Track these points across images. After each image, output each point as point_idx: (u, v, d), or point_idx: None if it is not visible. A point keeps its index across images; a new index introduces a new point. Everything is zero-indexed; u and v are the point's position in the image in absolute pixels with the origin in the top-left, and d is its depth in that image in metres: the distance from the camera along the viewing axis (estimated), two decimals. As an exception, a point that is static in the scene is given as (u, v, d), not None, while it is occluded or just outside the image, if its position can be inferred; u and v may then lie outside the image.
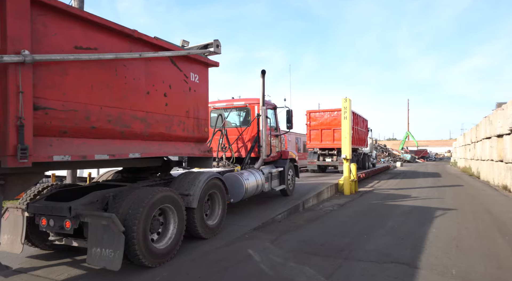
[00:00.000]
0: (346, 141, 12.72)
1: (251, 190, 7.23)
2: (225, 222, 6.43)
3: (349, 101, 12.84)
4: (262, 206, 8.19)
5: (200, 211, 5.14)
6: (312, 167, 19.15)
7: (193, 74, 5.15)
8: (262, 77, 7.88)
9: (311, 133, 19.38)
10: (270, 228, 6.52)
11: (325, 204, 9.85)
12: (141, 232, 3.86)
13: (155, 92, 4.42)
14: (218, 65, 5.64)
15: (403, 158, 52.40)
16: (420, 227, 6.70)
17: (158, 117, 4.48)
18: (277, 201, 8.81)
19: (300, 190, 10.56)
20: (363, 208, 9.16)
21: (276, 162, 9.20)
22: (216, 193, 5.68)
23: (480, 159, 19.53)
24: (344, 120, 12.82)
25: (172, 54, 4.54)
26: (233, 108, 8.61)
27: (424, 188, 14.40)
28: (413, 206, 9.25)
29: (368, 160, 24.28)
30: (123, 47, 4.01)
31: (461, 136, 34.40)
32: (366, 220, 7.54)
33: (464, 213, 8.28)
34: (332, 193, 11.94)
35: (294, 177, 9.97)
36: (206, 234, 5.31)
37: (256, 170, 7.86)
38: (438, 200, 10.53)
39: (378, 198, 11.04)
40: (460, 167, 31.25)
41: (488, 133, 17.11)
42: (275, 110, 9.21)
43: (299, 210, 8.53)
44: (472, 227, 6.75)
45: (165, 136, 4.65)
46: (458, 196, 11.60)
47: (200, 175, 5.27)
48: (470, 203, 9.99)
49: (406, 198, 10.93)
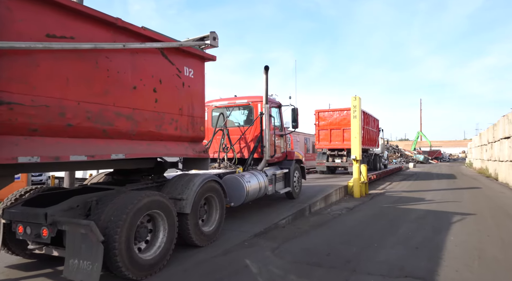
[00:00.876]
0: (356, 141, 12.17)
1: (253, 193, 6.80)
2: (224, 227, 6.02)
3: (359, 100, 12.29)
4: (265, 210, 7.75)
5: (195, 216, 4.75)
6: (321, 168, 18.59)
7: (187, 69, 4.77)
8: (265, 74, 7.45)
9: (320, 133, 18.83)
10: (272, 234, 6.08)
11: (333, 207, 9.34)
12: (123, 242, 3.47)
13: (143, 87, 4.05)
14: (215, 59, 5.24)
15: (416, 159, 51.18)
16: (436, 234, 6.15)
17: (146, 115, 4.11)
18: (282, 204, 8.36)
19: (307, 193, 10.07)
20: (373, 212, 8.62)
21: (281, 163, 8.75)
22: (213, 197, 5.28)
23: (498, 160, 18.63)
24: (354, 119, 12.27)
25: (162, 46, 4.17)
26: (235, 106, 8.21)
27: (439, 190, 13.71)
28: (428, 210, 8.66)
29: (379, 161, 23.56)
30: (106, 37, 3.65)
31: (476, 137, 33.21)
32: (376, 225, 7.02)
33: (484, 218, 7.67)
34: (341, 195, 11.41)
35: (301, 178, 9.50)
36: (202, 241, 4.91)
37: (259, 171, 7.43)
38: (455, 204, 9.90)
39: (390, 201, 10.46)
40: (476, 168, 30.14)
41: (507, 133, 16.27)
42: (280, 108, 8.76)
43: (305, 214, 8.06)
44: (495, 234, 6.16)
45: (155, 135, 4.27)
46: (476, 199, 10.92)
47: (195, 178, 4.88)
48: (490, 207, 9.33)
49: (419, 201, 10.32)
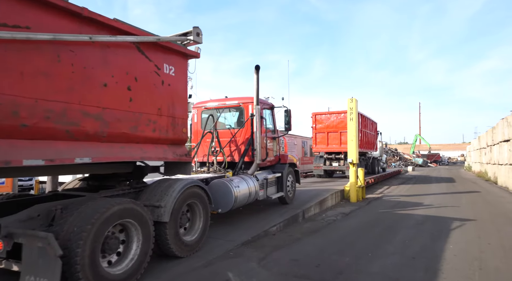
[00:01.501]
0: (353, 144, 11.85)
1: (242, 199, 6.46)
2: (210, 235, 5.68)
3: (356, 102, 12.00)
4: (256, 216, 7.41)
5: (174, 225, 4.40)
6: (318, 172, 18.25)
7: (167, 66, 4.46)
8: (256, 74, 7.14)
9: (317, 136, 18.52)
10: (261, 242, 5.73)
11: (329, 212, 9.00)
12: (87, 255, 3.13)
13: (115, 85, 3.73)
14: (199, 56, 4.94)
15: (415, 162, 50.90)
16: (434, 242, 5.82)
17: (119, 115, 3.78)
18: (275, 210, 8.01)
19: (301, 197, 9.73)
20: (369, 218, 8.28)
21: (274, 166, 8.42)
22: (196, 204, 4.94)
23: (498, 163, 18.33)
24: (350, 122, 11.96)
25: (137, 40, 3.86)
26: (225, 108, 7.89)
27: (438, 194, 13.38)
28: (426, 216, 8.32)
29: (377, 164, 23.24)
30: (71, 28, 3.34)
31: (475, 140, 32.95)
32: (372, 232, 6.68)
33: (484, 224, 7.34)
34: (337, 200, 11.07)
35: (295, 183, 9.16)
36: (182, 252, 4.56)
37: (250, 176, 7.09)
38: (454, 209, 9.57)
39: (387, 206, 10.12)
40: (475, 172, 29.85)
41: (506, 136, 15.99)
42: (273, 110, 8.45)
43: (298, 220, 7.71)
44: (495, 242, 5.83)
45: (130, 137, 3.95)
46: (475, 204, 10.60)
47: (175, 183, 4.54)
48: (490, 212, 9.00)
49: (418, 206, 9.99)
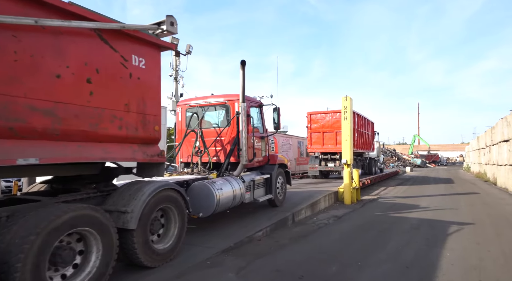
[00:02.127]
0: (347, 144, 11.46)
1: (226, 202, 6.06)
2: (190, 241, 5.29)
3: (350, 101, 11.62)
4: (242, 220, 7.00)
5: (143, 233, 4.00)
6: (313, 173, 17.86)
7: (136, 58, 4.06)
8: (242, 69, 6.75)
9: (312, 136, 18.14)
10: (244, 249, 5.33)
11: (320, 215, 8.61)
12: (28, 270, 2.73)
13: (71, 76, 3.33)
14: (174, 48, 4.56)
15: (413, 163, 50.63)
16: (430, 249, 5.42)
17: (76, 110, 3.39)
18: (263, 213, 7.62)
19: (293, 199, 9.34)
20: (363, 221, 7.89)
21: (263, 167, 8.02)
22: (170, 208, 4.53)
23: (497, 164, 17.98)
24: (345, 121, 11.58)
25: (96, 27, 3.46)
26: (211, 106, 7.49)
27: (435, 196, 13.01)
28: (422, 219, 7.93)
29: (374, 165, 22.89)
30: (14, 11, 2.95)
31: (474, 140, 32.62)
32: (364, 238, 6.29)
33: (484, 228, 6.96)
34: (331, 202, 10.68)
35: (285, 184, 8.76)
36: (153, 261, 4.16)
37: (235, 177, 6.70)
38: (452, 211, 9.18)
39: (382, 209, 9.73)
40: (473, 172, 29.51)
41: (506, 136, 15.64)
42: (261, 108, 8.05)
43: (287, 224, 7.32)
44: (496, 249, 5.44)
45: (90, 135, 3.55)
46: (474, 206, 10.22)
47: (145, 186, 4.14)
48: (489, 215, 8.62)
49: (414, 209, 9.60)
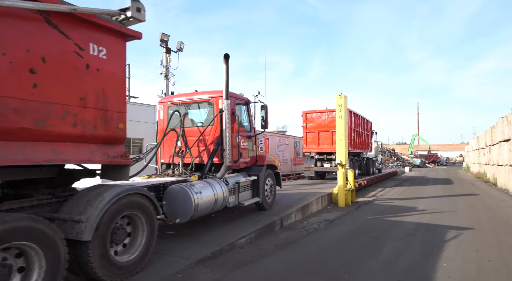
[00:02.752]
0: (342, 144, 11.03)
1: (206, 206, 5.61)
2: (163, 250, 4.85)
3: (345, 99, 11.18)
4: (226, 225, 6.56)
5: (102, 244, 3.55)
6: (309, 173, 17.38)
7: (94, 46, 3.61)
8: (225, 64, 6.30)
9: (307, 136, 17.68)
10: (222, 259, 4.89)
11: (312, 219, 8.16)
12: None
13: (9, 65, 2.88)
14: (141, 36, 4.10)
15: (413, 163, 50.25)
16: (425, 258, 4.98)
17: (15, 104, 2.94)
18: (250, 217, 7.17)
19: (284, 202, 8.90)
20: (355, 226, 7.44)
21: (250, 169, 7.57)
22: (137, 215, 4.09)
23: (497, 164, 17.55)
24: (339, 120, 11.14)
25: (39, 8, 3.00)
26: (194, 103, 7.04)
27: (434, 197, 12.57)
28: (419, 224, 7.49)
29: (372, 165, 22.46)
30: None
31: (474, 140, 32.20)
32: (355, 245, 5.85)
33: (484, 234, 6.52)
34: (325, 204, 10.24)
35: (275, 186, 8.31)
36: (114, 275, 3.70)
37: (218, 179, 6.25)
38: (450, 215, 8.75)
39: (377, 212, 9.29)
40: (473, 173, 29.10)
41: (506, 135, 15.21)
42: (248, 106, 7.60)
43: (274, 229, 6.87)
44: (497, 258, 5.00)
45: (35, 134, 3.10)
46: (473, 209, 9.78)
47: (106, 191, 3.70)
48: (490, 219, 8.19)
49: (411, 212, 9.16)
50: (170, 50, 14.95)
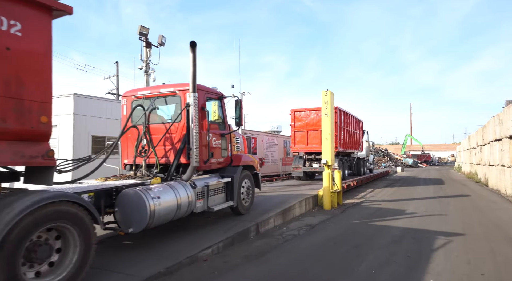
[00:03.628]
0: (328, 143, 10.43)
1: (165, 213, 4.95)
2: (109, 265, 4.20)
3: (331, 95, 10.59)
4: (193, 233, 5.90)
5: (9, 266, 2.86)
6: (297, 174, 16.78)
7: (5, 20, 2.94)
8: (192, 52, 5.65)
9: (296, 135, 17.08)
10: (179, 275, 4.24)
11: (293, 224, 7.55)
12: None
13: None
14: (71, 11, 3.42)
15: (405, 163, 50.16)
16: (410, 272, 4.39)
17: None
18: (223, 223, 6.53)
19: (264, 205, 8.28)
20: (338, 232, 6.85)
21: (225, 169, 6.93)
22: (68, 228, 3.41)
23: (488, 164, 17.18)
24: (325, 117, 10.55)
25: None
26: (160, 97, 6.36)
27: (424, 199, 12.07)
28: (406, 229, 6.93)
29: (363, 165, 21.95)
30: None
31: (465, 140, 32.00)
32: (334, 255, 5.24)
33: (476, 241, 5.97)
34: (309, 207, 9.64)
35: (253, 189, 7.68)
36: (29, 302, 3.04)
37: (183, 182, 5.59)
38: (440, 218, 8.21)
39: (364, 215, 8.72)
40: (464, 173, 28.84)
41: (497, 135, 14.81)
42: (222, 101, 6.95)
43: (248, 236, 6.24)
44: (491, 271, 4.44)
45: None
46: (464, 211, 9.27)
47: (20, 199, 3.02)
48: (482, 223, 7.66)
49: (399, 215, 8.61)
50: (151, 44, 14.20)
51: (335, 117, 16.12)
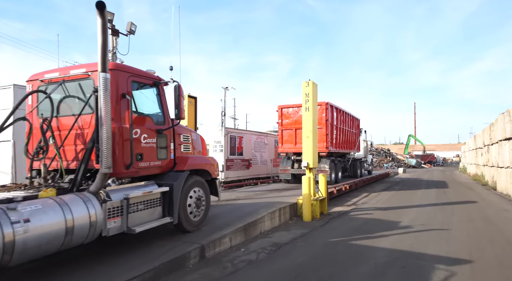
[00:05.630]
0: (309, 142, 8.91)
1: (41, 242, 3.47)
2: None
3: (313, 86, 9.05)
4: (104, 262, 4.40)
5: None
6: (285, 176, 15.27)
7: None
8: (101, 17, 4.15)
9: (283, 134, 15.58)
10: None
11: (255, 243, 6.05)
12: None
13: None
14: None
15: (408, 163, 48.50)
16: None
17: None
18: (158, 244, 5.06)
19: (225, 218, 6.80)
20: (308, 255, 5.33)
21: (164, 176, 5.44)
22: None
23: (497, 166, 15.53)
24: (306, 112, 9.02)
25: None
26: (70, 80, 4.88)
27: (424, 206, 10.51)
28: (395, 252, 5.39)
29: (360, 167, 20.36)
30: None
31: (471, 139, 30.23)
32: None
33: (487, 271, 4.44)
34: (285, 218, 8.13)
35: (207, 199, 6.18)
36: None
37: (86, 195, 4.11)
38: (441, 235, 6.67)
39: (347, 230, 7.19)
40: (470, 174, 27.13)
41: (508, 133, 13.19)
42: (160, 88, 5.45)
43: (186, 264, 4.74)
44: None
45: None
46: (471, 224, 7.71)
47: None
48: (493, 241, 6.13)
49: (390, 230, 7.07)
50: (118, 32, 12.65)
51: (326, 114, 14.58)
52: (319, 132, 14.98)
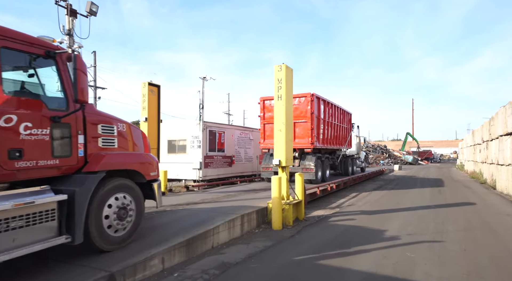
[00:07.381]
0: (281, 136, 7.60)
1: None
2: None
3: (287, 71, 7.71)
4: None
5: None
6: (267, 175, 13.93)
7: None
8: None
9: (265, 128, 14.26)
10: None
11: (197, 264, 4.74)
12: None
13: None
14: None
15: (405, 160, 47.46)
16: None
17: None
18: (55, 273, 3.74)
19: (169, 229, 5.51)
20: (255, 285, 4.04)
21: (69, 179, 4.11)
22: None
23: (496, 163, 14.31)
24: (278, 101, 7.68)
25: None
26: None
27: (415, 210, 9.23)
28: (375, 278, 4.10)
29: (352, 164, 19.10)
30: None
31: (469, 135, 29.02)
32: None
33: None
34: (251, 226, 6.84)
35: (138, 208, 4.84)
36: None
37: None
38: (432, 249, 5.39)
39: (321, 242, 5.89)
40: (467, 171, 25.95)
41: (509, 128, 11.96)
42: (58, 61, 4.08)
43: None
44: None
45: None
46: (469, 234, 6.44)
47: None
48: (495, 257, 4.87)
49: (372, 242, 5.78)
50: (76, 12, 11.27)
51: (311, 106, 13.26)
52: (304, 127, 13.69)
